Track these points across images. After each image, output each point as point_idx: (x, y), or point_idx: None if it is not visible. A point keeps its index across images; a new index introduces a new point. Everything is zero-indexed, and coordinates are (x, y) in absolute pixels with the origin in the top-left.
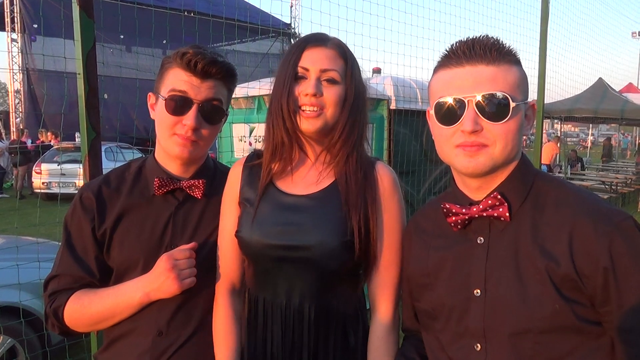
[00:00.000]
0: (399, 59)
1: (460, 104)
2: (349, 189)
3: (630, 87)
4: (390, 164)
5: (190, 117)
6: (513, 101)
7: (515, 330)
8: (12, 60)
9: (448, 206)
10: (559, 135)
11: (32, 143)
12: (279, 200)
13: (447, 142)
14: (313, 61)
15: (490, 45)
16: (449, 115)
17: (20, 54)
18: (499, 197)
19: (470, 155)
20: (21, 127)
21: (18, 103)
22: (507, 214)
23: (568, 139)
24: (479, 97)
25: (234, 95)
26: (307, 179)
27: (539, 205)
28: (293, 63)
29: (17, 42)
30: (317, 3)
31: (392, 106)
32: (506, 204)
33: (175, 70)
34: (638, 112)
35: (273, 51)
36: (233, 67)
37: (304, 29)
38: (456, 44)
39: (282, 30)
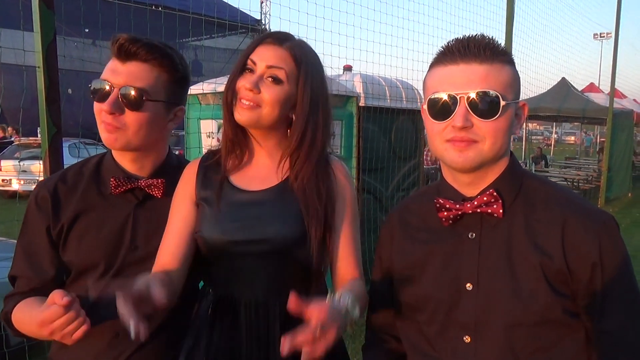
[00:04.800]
0: (368, 56)
1: (453, 100)
2: (307, 194)
3: (592, 87)
4: (359, 160)
5: (106, 102)
6: (503, 100)
7: (508, 323)
8: None
9: (442, 201)
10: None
11: None
12: (235, 198)
13: (439, 136)
14: (262, 56)
15: (484, 45)
16: (442, 110)
17: None
18: (495, 193)
19: (459, 150)
20: None
21: None
22: (501, 211)
23: (533, 137)
24: (471, 95)
25: (202, 91)
26: (263, 174)
27: (530, 202)
28: (245, 55)
29: None
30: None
31: (362, 103)
32: (500, 200)
33: (110, 60)
34: (599, 111)
35: (243, 47)
36: (162, 47)
37: (274, 26)
38: (452, 41)
39: (250, 26)
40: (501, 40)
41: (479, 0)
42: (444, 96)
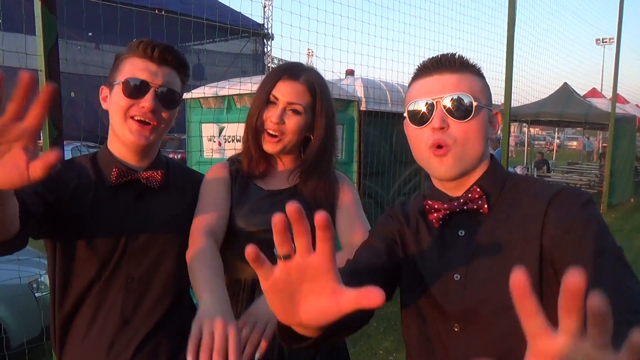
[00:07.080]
0: (370, 60)
1: (430, 106)
2: (317, 199)
3: (594, 92)
4: (360, 164)
5: (148, 99)
6: (475, 101)
7: (494, 309)
8: None
9: (431, 202)
10: (526, 137)
11: None
12: (259, 194)
13: (421, 142)
14: (283, 93)
15: (455, 58)
16: (421, 116)
17: None
18: (479, 190)
19: (439, 157)
20: None
21: None
22: (486, 206)
23: (535, 142)
24: (446, 98)
25: (203, 95)
26: (279, 179)
27: (515, 196)
28: (267, 90)
29: None
30: (288, 4)
31: (363, 107)
32: (485, 196)
33: (131, 59)
34: (601, 116)
35: (245, 51)
36: (186, 58)
37: (276, 30)
38: (426, 59)
39: (252, 30)
40: (503, 46)
41: (480, 6)
42: (421, 103)
